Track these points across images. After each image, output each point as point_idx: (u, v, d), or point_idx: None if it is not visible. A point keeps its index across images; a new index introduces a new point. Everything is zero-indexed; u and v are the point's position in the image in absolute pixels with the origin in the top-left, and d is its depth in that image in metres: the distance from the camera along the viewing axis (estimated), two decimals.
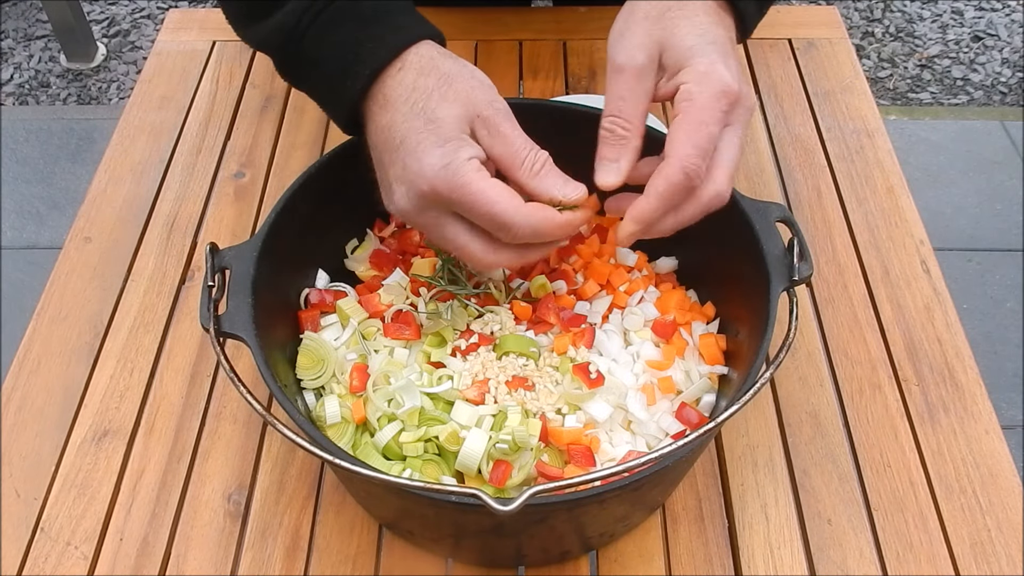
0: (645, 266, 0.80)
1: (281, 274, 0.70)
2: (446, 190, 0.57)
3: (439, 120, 0.57)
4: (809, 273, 0.63)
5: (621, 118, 0.60)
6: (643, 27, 0.61)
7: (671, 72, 0.60)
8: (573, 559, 0.70)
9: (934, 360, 0.81)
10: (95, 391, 0.80)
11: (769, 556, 0.69)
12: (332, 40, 0.62)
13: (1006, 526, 0.71)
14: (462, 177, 0.56)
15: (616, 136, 0.60)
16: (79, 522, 0.72)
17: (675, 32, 0.59)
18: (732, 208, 0.68)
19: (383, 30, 0.61)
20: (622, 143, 0.60)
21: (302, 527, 0.71)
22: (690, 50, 0.59)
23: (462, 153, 0.57)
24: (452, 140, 0.57)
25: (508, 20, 1.15)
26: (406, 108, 0.58)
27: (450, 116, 0.58)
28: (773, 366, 0.58)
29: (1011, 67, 2.58)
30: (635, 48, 0.60)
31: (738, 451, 0.75)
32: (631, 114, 0.60)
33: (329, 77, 0.62)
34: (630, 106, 0.60)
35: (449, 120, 0.57)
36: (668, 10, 0.60)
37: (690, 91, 0.58)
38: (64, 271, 0.89)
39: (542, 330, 0.74)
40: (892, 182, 0.96)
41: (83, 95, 2.55)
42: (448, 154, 0.57)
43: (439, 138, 0.57)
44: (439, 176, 0.56)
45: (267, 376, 0.60)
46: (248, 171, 0.98)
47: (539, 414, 0.68)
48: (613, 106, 0.60)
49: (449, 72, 0.59)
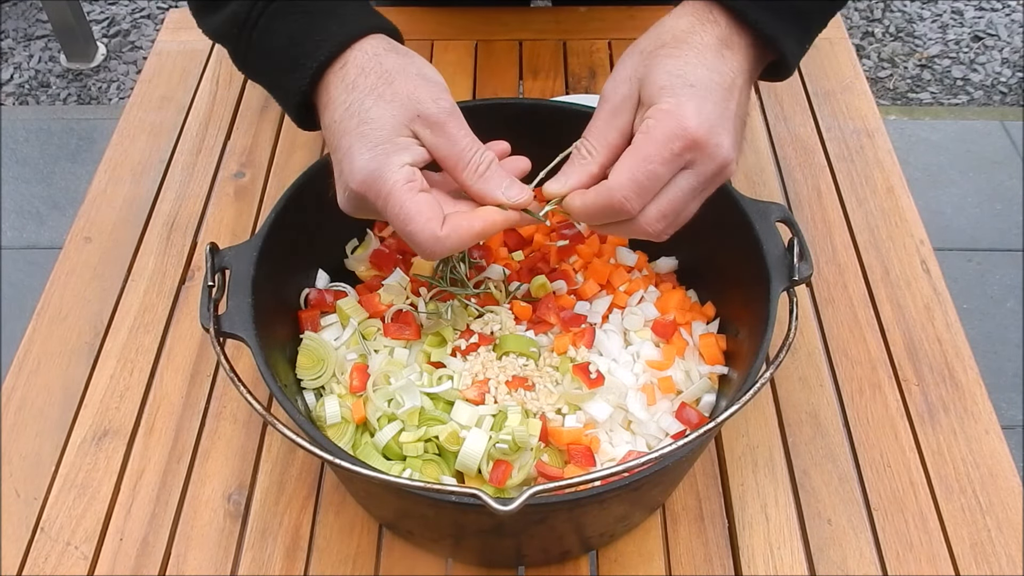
0: (645, 266, 0.80)
1: (281, 274, 0.70)
2: (372, 196, 0.57)
3: (373, 121, 0.57)
4: (809, 273, 0.63)
5: (588, 141, 0.61)
6: (633, 61, 0.61)
7: (644, 108, 0.59)
8: (573, 559, 0.70)
9: (934, 360, 0.81)
10: (95, 391, 0.80)
11: (769, 556, 0.69)
12: (281, 32, 0.61)
13: (1006, 526, 0.71)
14: (386, 185, 0.56)
15: (579, 156, 0.61)
16: (79, 522, 0.72)
17: (655, 69, 0.58)
18: (732, 208, 0.68)
19: (330, 23, 0.60)
20: (580, 163, 0.61)
21: (302, 527, 0.71)
22: (662, 89, 0.57)
23: (393, 159, 0.56)
24: (383, 143, 0.57)
25: (508, 20, 1.15)
26: (343, 108, 0.58)
27: (385, 117, 0.57)
28: (773, 366, 0.58)
29: (1011, 67, 2.58)
30: (619, 81, 0.61)
31: (738, 451, 0.75)
32: (598, 141, 0.60)
33: (279, 71, 0.62)
34: (600, 135, 0.61)
35: (383, 122, 0.57)
36: (663, 46, 0.59)
37: (647, 126, 0.57)
38: (64, 271, 0.89)
39: (542, 330, 0.74)
40: (892, 182, 0.96)
41: (83, 95, 2.55)
42: (377, 158, 0.56)
43: (370, 141, 0.57)
44: (363, 181, 0.57)
45: (267, 376, 0.60)
46: (248, 171, 0.98)
47: (539, 414, 0.68)
48: (589, 130, 0.62)
49: (391, 70, 0.59)
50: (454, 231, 0.57)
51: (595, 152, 0.60)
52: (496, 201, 0.59)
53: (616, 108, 0.60)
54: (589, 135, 0.61)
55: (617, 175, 0.57)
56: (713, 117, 0.56)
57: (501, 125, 0.78)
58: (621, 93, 0.60)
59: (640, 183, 0.56)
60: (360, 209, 0.60)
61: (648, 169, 0.56)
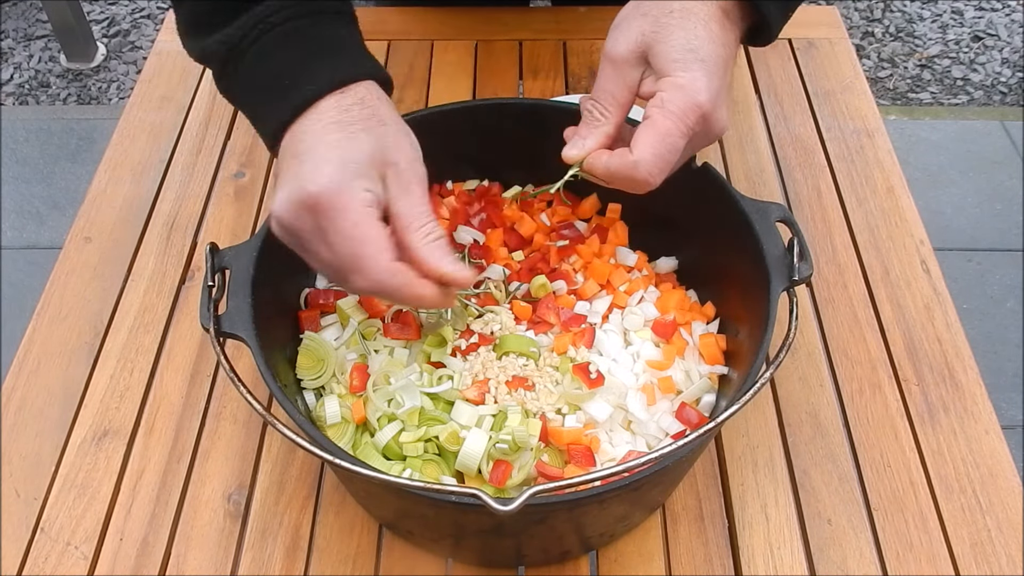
0: (645, 266, 0.80)
1: (281, 274, 0.70)
2: (326, 206, 0.55)
3: (355, 142, 0.56)
4: (809, 273, 0.63)
5: (599, 103, 0.63)
6: (638, 24, 0.62)
7: (655, 76, 0.61)
8: (573, 559, 0.70)
9: (934, 360, 0.81)
10: (95, 391, 0.80)
11: (769, 556, 0.69)
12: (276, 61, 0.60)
13: (1006, 526, 0.71)
14: (348, 201, 0.55)
15: (592, 117, 0.63)
16: (79, 522, 0.72)
17: (667, 39, 0.60)
18: (732, 208, 0.68)
19: (331, 61, 0.60)
20: (594, 124, 0.63)
21: (302, 527, 0.71)
22: (675, 63, 0.59)
23: (361, 182, 0.56)
24: (358, 164, 0.56)
25: (508, 20, 1.15)
26: (329, 121, 0.57)
27: (367, 146, 0.56)
28: (773, 366, 0.58)
29: (1011, 67, 2.58)
30: (624, 41, 0.62)
31: (738, 451, 0.75)
32: (609, 101, 0.62)
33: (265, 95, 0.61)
34: (609, 94, 0.62)
35: (364, 148, 0.56)
36: (669, 12, 0.61)
37: (663, 99, 0.59)
38: (64, 271, 0.89)
39: (542, 330, 0.74)
40: (892, 182, 0.96)
41: (83, 95, 2.55)
42: (347, 173, 0.55)
43: (346, 157, 0.56)
44: (327, 189, 0.54)
45: (267, 376, 0.60)
46: (248, 171, 0.98)
47: (539, 414, 0.68)
48: (596, 91, 0.63)
49: (385, 117, 0.59)
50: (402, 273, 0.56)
51: (608, 113, 0.62)
52: (438, 270, 0.57)
53: (622, 67, 0.62)
54: (598, 95, 0.63)
55: (641, 151, 0.59)
56: (718, 91, 0.60)
57: (501, 125, 0.79)
58: (626, 52, 0.62)
59: (663, 157, 0.59)
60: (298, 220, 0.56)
61: (670, 143, 0.59)
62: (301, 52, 0.60)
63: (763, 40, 0.66)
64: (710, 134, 0.61)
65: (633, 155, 0.59)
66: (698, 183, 0.70)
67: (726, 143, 1.01)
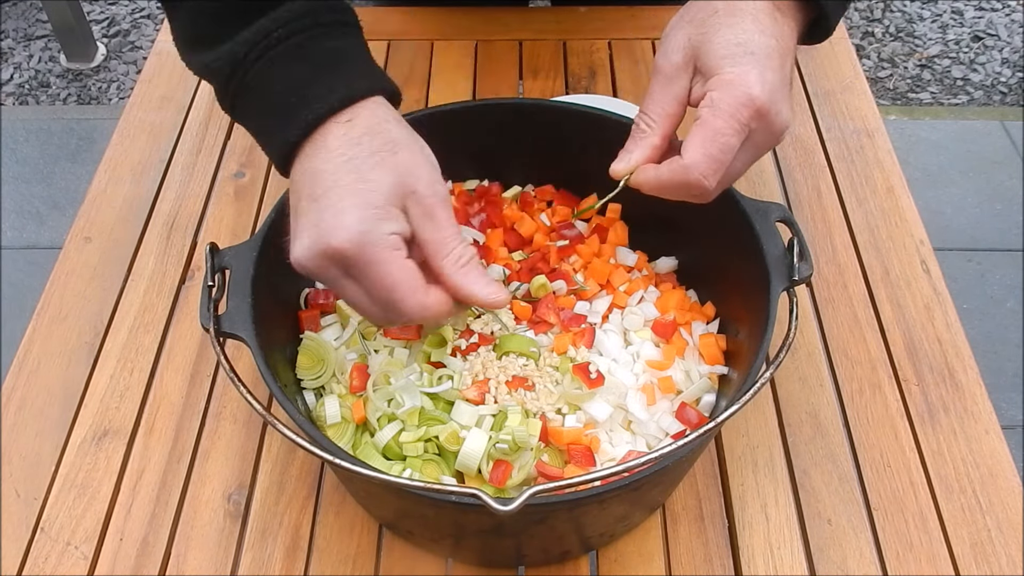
0: (645, 266, 0.80)
1: (281, 274, 0.70)
2: (355, 256, 0.54)
3: (370, 183, 0.54)
4: (809, 273, 0.63)
5: (647, 115, 0.61)
6: (685, 31, 0.60)
7: (704, 78, 0.59)
8: (573, 559, 0.70)
9: (934, 360, 0.81)
10: (95, 391, 0.80)
11: (769, 556, 0.69)
12: (283, 76, 0.58)
13: (1006, 526, 0.71)
14: (376, 251, 0.54)
15: (638, 130, 0.61)
16: (79, 522, 0.72)
17: (713, 38, 0.58)
18: (732, 208, 0.68)
19: (339, 76, 0.58)
20: (640, 136, 0.61)
21: (302, 527, 0.71)
22: (723, 59, 0.57)
23: (384, 226, 0.54)
24: (378, 208, 0.54)
25: (508, 20, 1.15)
26: (341, 161, 0.55)
27: (384, 183, 0.55)
28: (773, 366, 0.58)
29: (1011, 67, 2.58)
30: (672, 51, 0.60)
31: (738, 451, 0.75)
32: (656, 112, 0.61)
33: (272, 113, 0.59)
34: (657, 105, 0.61)
35: (381, 187, 0.54)
36: (714, 13, 0.59)
37: (712, 99, 0.57)
38: (64, 271, 0.89)
39: (542, 330, 0.74)
40: (892, 182, 0.96)
41: (83, 95, 2.55)
42: (368, 220, 0.54)
43: (365, 202, 0.54)
44: (352, 240, 0.53)
45: (267, 376, 0.60)
46: (248, 171, 0.98)
47: (539, 414, 0.68)
48: (644, 103, 0.62)
49: (397, 139, 0.57)
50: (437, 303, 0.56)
51: (654, 124, 0.61)
52: (473, 297, 0.57)
53: (670, 77, 0.60)
54: (646, 108, 0.61)
55: (691, 152, 0.57)
56: (775, 84, 0.57)
57: (501, 125, 0.79)
58: (674, 62, 0.60)
59: (715, 158, 0.57)
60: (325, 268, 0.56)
61: (721, 143, 0.56)
62: (308, 67, 0.58)
63: (820, 35, 0.64)
64: (772, 130, 0.58)
65: (683, 159, 0.57)
66: None
67: None
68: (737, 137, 0.57)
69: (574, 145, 0.77)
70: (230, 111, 0.63)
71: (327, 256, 0.55)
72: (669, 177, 0.58)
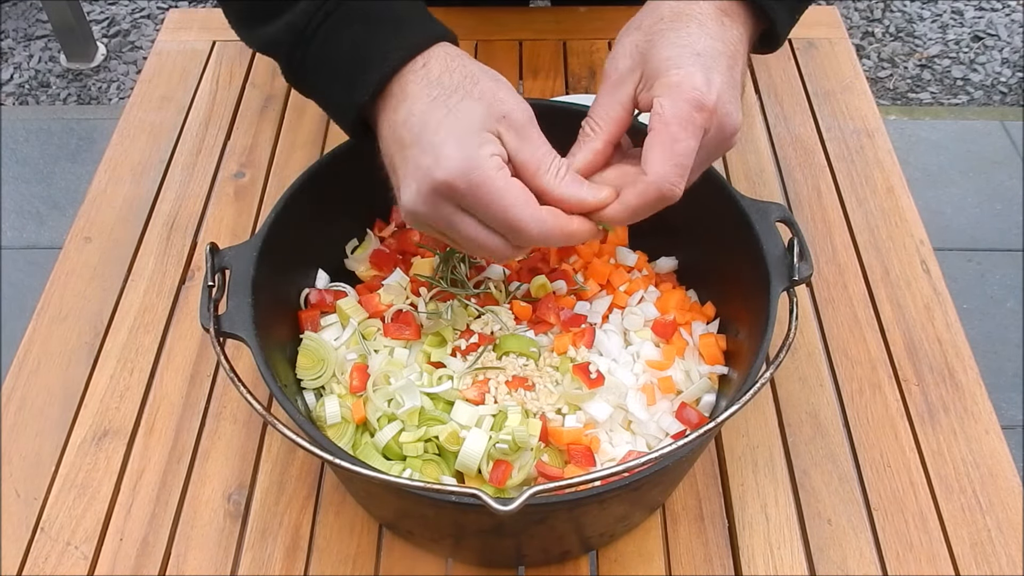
0: (645, 266, 0.80)
1: (281, 274, 0.70)
2: (464, 185, 0.54)
3: (461, 113, 0.55)
4: (809, 273, 0.63)
5: (592, 119, 0.61)
6: (632, 37, 0.60)
7: (648, 83, 0.58)
8: (573, 559, 0.70)
9: (934, 360, 0.81)
10: (95, 391, 0.80)
11: (769, 556, 0.69)
12: (347, 38, 0.59)
13: (1006, 526, 0.71)
14: (482, 173, 0.54)
15: (583, 134, 0.61)
16: (79, 522, 0.72)
17: (658, 42, 0.58)
18: (732, 208, 0.68)
19: (403, 29, 0.59)
20: (585, 140, 0.61)
21: (302, 527, 0.71)
22: (667, 61, 0.57)
23: (484, 150, 0.55)
24: (474, 134, 0.55)
25: (508, 20, 1.15)
26: (427, 100, 0.56)
27: (473, 112, 0.55)
28: (773, 366, 0.58)
29: (1011, 67, 2.57)
30: (618, 57, 0.60)
31: (738, 451, 0.75)
32: (600, 116, 0.61)
33: (342, 75, 0.60)
34: (601, 109, 0.61)
35: (473, 115, 0.55)
36: (660, 19, 0.59)
37: (661, 105, 0.56)
38: (64, 271, 0.89)
39: (542, 330, 0.74)
40: (892, 182, 0.96)
41: (83, 95, 2.55)
42: (468, 147, 0.54)
43: (461, 131, 0.55)
44: (458, 169, 0.54)
45: (267, 376, 0.60)
46: (248, 171, 0.98)
47: (539, 414, 0.68)
48: (591, 108, 0.62)
49: (474, 72, 0.58)
50: (553, 216, 0.57)
51: (599, 128, 0.60)
52: (582, 204, 0.58)
53: (616, 83, 0.60)
54: (592, 112, 0.61)
55: (654, 166, 0.56)
56: (721, 85, 0.57)
57: None
58: (620, 68, 0.60)
59: (679, 164, 0.56)
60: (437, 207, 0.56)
61: (683, 147, 0.56)
62: (370, 27, 0.59)
63: (771, 45, 0.64)
64: (724, 131, 0.58)
65: (647, 176, 0.56)
66: (698, 183, 0.70)
67: None
68: (694, 139, 0.56)
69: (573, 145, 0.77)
70: (297, 82, 0.64)
71: (438, 192, 0.55)
72: (639, 199, 0.57)
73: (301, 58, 0.61)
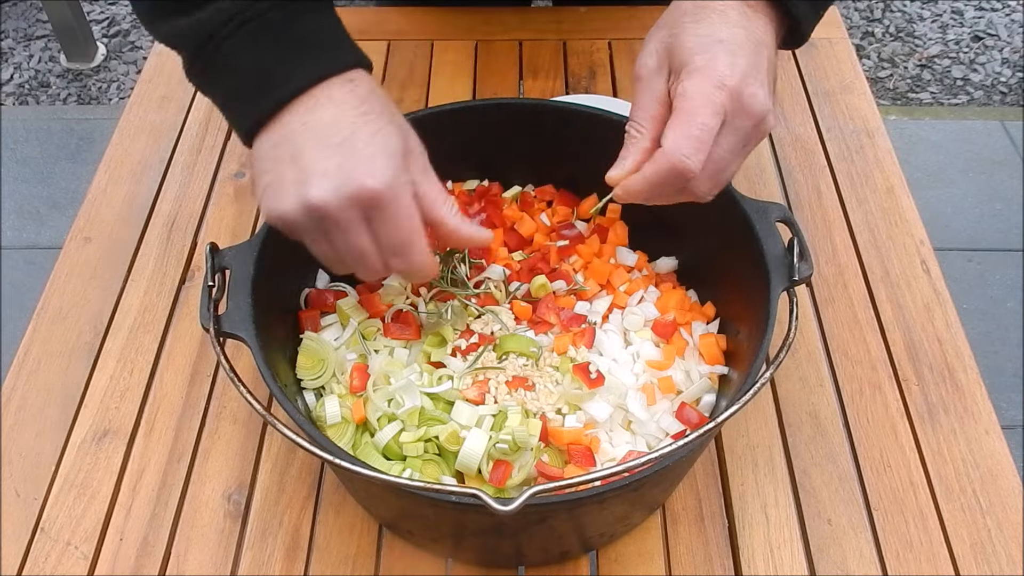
0: (645, 266, 0.80)
1: (281, 274, 0.70)
2: (389, 198, 0.56)
3: (389, 136, 0.57)
4: (809, 273, 0.63)
5: (635, 121, 0.62)
6: (657, 35, 0.62)
7: (677, 75, 0.60)
8: (573, 559, 0.70)
9: (934, 360, 0.81)
10: (95, 391, 0.80)
11: (769, 556, 0.69)
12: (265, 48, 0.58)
13: (1006, 526, 0.71)
14: (405, 193, 0.57)
15: (629, 137, 0.62)
16: (79, 522, 0.72)
17: (681, 35, 0.60)
18: (732, 208, 0.68)
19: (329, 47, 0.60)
20: (632, 143, 0.62)
21: (302, 527, 0.71)
22: (691, 50, 0.59)
23: (405, 176, 0.58)
24: (400, 158, 0.57)
25: (508, 20, 1.15)
26: (357, 112, 0.57)
27: (396, 138, 0.58)
28: (773, 366, 0.58)
29: (1011, 67, 2.58)
30: (646, 55, 0.62)
31: (738, 451, 0.75)
32: (641, 117, 0.62)
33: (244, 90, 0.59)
34: (641, 110, 0.62)
35: (396, 141, 0.58)
36: (684, 15, 0.61)
37: (684, 88, 0.58)
38: (64, 271, 0.89)
39: (542, 330, 0.74)
40: (892, 182, 0.96)
41: (83, 95, 2.55)
42: (397, 167, 0.57)
43: (391, 151, 0.57)
44: (387, 183, 0.56)
45: (267, 376, 0.60)
46: (248, 171, 0.98)
47: (539, 414, 0.68)
48: (631, 111, 0.63)
49: (390, 106, 0.60)
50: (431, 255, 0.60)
51: (643, 128, 0.61)
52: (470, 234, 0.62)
53: (648, 80, 0.62)
54: (633, 115, 0.62)
55: (669, 138, 0.57)
56: (746, 67, 0.58)
57: (501, 125, 0.79)
58: (650, 66, 0.61)
59: (694, 136, 0.57)
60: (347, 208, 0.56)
61: (700, 122, 0.57)
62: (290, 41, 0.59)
63: (797, 42, 0.65)
64: (750, 113, 0.58)
65: (663, 147, 0.58)
66: None
67: None
68: (713, 117, 0.57)
69: (574, 145, 0.77)
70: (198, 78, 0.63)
71: (357, 198, 0.56)
72: (654, 171, 0.59)
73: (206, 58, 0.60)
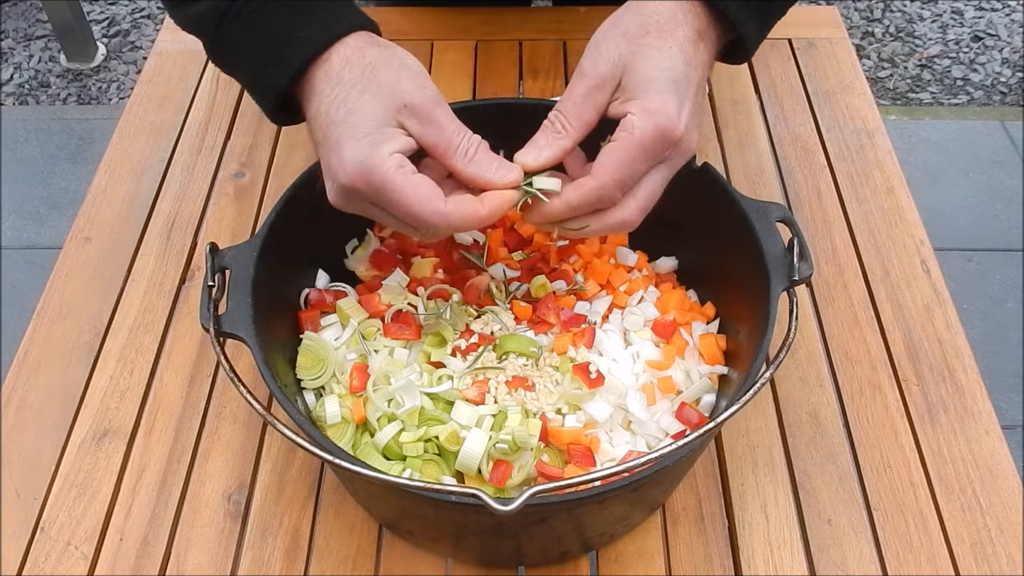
0: (645, 266, 0.80)
1: (281, 274, 0.70)
2: (364, 187, 0.57)
3: (359, 112, 0.57)
4: (809, 273, 0.63)
5: (564, 116, 0.61)
6: (616, 43, 0.61)
7: (625, 97, 0.60)
8: (573, 559, 0.70)
9: (934, 360, 0.81)
10: (95, 391, 0.80)
11: (769, 556, 0.69)
12: (264, 27, 0.61)
13: (1006, 526, 0.71)
14: (381, 175, 0.56)
15: (553, 129, 0.62)
16: (79, 522, 0.72)
17: (642, 59, 0.59)
18: (732, 208, 0.68)
19: (314, 21, 0.60)
20: (555, 137, 0.61)
21: (302, 527, 0.71)
22: (648, 82, 0.59)
23: (382, 148, 0.56)
24: (371, 134, 0.56)
25: (508, 20, 1.15)
26: (328, 101, 0.58)
27: (371, 108, 0.57)
28: (773, 366, 0.58)
29: (1011, 67, 2.57)
30: (601, 60, 0.61)
31: (738, 451, 0.75)
32: (573, 115, 0.61)
33: (259, 66, 0.61)
34: (576, 109, 0.61)
35: (370, 113, 0.57)
36: (647, 34, 0.60)
37: (632, 123, 0.58)
38: (64, 271, 0.89)
39: (542, 330, 0.74)
40: (892, 182, 0.96)
41: (83, 95, 2.55)
42: (365, 148, 0.56)
43: (358, 131, 0.56)
44: (357, 172, 0.56)
45: (267, 376, 0.60)
46: (248, 171, 0.98)
47: (539, 414, 0.68)
48: (564, 103, 0.62)
49: (373, 62, 0.59)
50: (458, 207, 0.58)
51: (570, 128, 0.61)
52: (488, 182, 0.59)
53: (594, 86, 0.60)
54: (565, 108, 0.61)
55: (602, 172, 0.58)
56: (690, 113, 0.60)
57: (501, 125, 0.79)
58: (602, 72, 0.60)
59: (623, 181, 0.59)
60: (351, 202, 0.60)
61: (634, 169, 0.59)
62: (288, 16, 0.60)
63: (739, 58, 0.66)
64: (686, 156, 0.61)
65: (594, 180, 0.59)
66: (698, 183, 0.70)
67: (726, 143, 1.01)
68: (647, 164, 0.59)
69: None
70: (220, 64, 0.66)
71: (345, 194, 0.58)
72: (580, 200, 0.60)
73: (223, 40, 0.62)
